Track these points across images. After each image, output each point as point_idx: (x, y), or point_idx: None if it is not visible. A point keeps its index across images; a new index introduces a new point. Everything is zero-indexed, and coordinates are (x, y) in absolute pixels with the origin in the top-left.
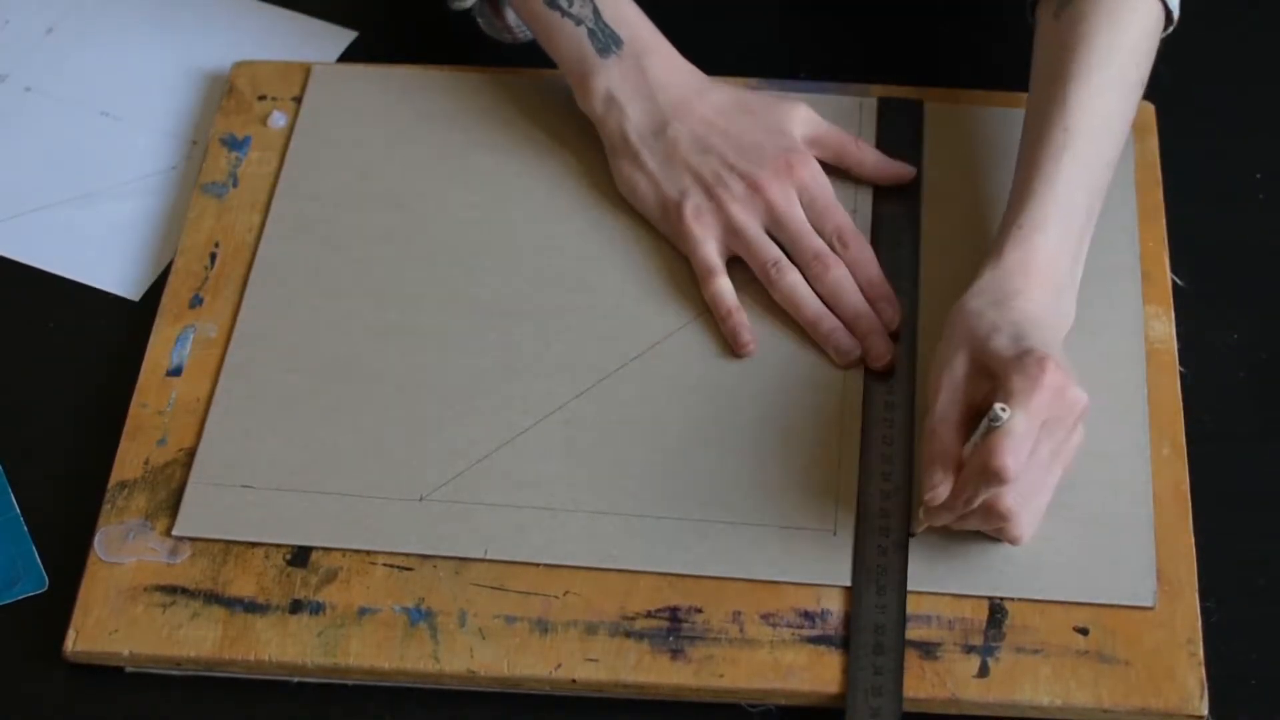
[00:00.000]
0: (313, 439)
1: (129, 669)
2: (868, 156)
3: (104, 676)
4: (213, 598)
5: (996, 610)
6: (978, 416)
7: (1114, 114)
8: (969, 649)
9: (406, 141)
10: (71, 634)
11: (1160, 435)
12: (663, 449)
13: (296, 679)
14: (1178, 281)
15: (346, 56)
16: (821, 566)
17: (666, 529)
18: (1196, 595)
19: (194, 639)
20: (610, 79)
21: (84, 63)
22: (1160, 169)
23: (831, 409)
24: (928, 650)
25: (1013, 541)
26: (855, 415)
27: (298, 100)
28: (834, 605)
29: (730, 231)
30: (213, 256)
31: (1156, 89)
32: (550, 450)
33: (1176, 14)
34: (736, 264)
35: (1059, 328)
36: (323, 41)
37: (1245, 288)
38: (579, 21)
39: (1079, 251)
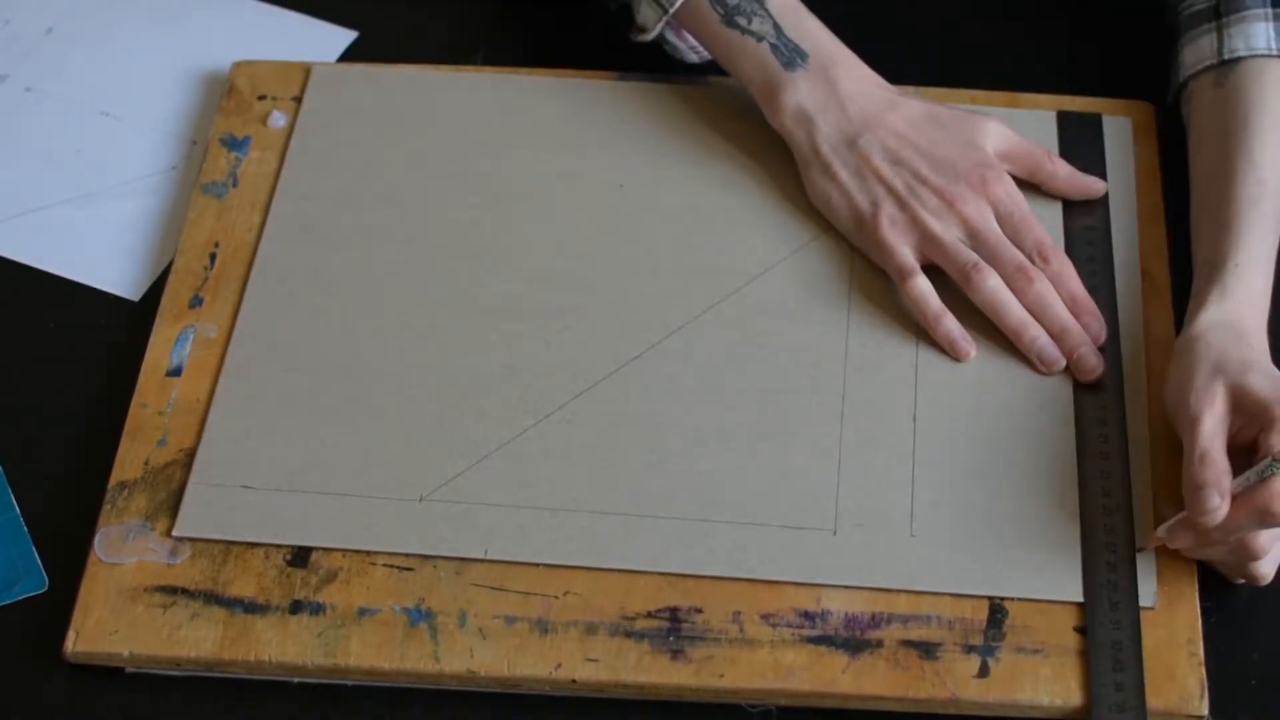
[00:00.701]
0: (313, 439)
1: (129, 669)
2: (1061, 170)
3: (104, 676)
4: (213, 598)
5: (996, 610)
6: (1235, 450)
7: None
8: (969, 649)
9: (406, 141)
10: (71, 634)
11: (1160, 435)
12: (663, 449)
13: (296, 679)
14: (1178, 281)
15: (346, 56)
16: (821, 566)
17: (666, 529)
18: (1196, 595)
19: (194, 639)
20: (799, 92)
21: (84, 63)
22: (1160, 169)
23: (831, 406)
24: (928, 650)
25: (1255, 580)
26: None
27: (298, 100)
28: (834, 605)
29: (926, 239)
30: (213, 256)
31: (1156, 89)
32: (550, 450)
33: None
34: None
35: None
36: (323, 41)
37: None
38: (760, 38)
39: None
